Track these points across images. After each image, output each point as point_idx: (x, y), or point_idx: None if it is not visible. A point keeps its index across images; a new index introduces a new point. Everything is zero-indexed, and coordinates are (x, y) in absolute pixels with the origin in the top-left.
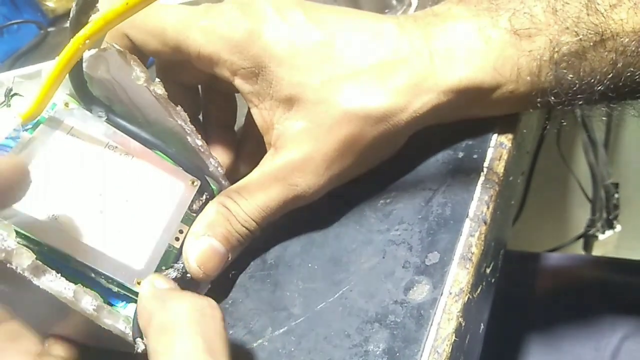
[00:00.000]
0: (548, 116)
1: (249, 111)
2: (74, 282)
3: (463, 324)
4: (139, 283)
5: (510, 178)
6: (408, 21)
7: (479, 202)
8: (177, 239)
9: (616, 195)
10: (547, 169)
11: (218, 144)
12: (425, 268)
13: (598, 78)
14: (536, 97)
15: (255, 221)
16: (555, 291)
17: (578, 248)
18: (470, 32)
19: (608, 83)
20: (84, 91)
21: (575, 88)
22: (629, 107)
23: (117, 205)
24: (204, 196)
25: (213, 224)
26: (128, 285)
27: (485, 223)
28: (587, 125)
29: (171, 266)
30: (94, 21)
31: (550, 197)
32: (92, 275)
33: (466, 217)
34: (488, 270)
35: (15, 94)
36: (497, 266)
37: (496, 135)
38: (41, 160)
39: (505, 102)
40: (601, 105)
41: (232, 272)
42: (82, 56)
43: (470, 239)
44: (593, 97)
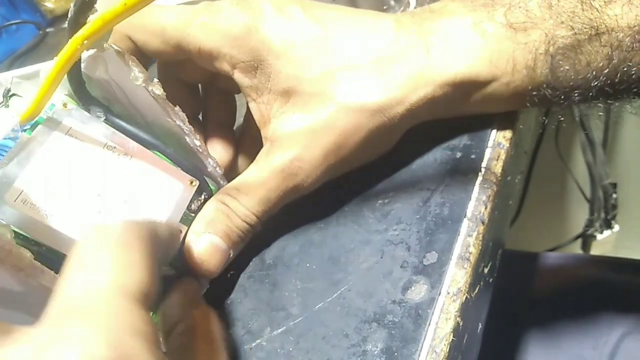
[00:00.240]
0: (546, 115)
1: (248, 110)
2: None
3: (461, 324)
4: None
5: (508, 178)
6: (405, 17)
7: (477, 202)
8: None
9: (614, 195)
10: (545, 169)
11: (217, 143)
12: (423, 268)
13: (594, 73)
14: (532, 91)
15: (255, 215)
16: (553, 291)
17: (576, 248)
18: (466, 26)
19: (604, 79)
20: (83, 92)
21: (571, 83)
22: (627, 105)
23: (116, 205)
24: (203, 196)
25: (213, 222)
26: None
27: (483, 223)
28: (585, 125)
29: (170, 265)
30: (93, 22)
31: (548, 197)
32: None
33: (464, 217)
34: (486, 270)
35: (13, 95)
36: (495, 266)
37: (494, 135)
38: (39, 160)
39: (501, 97)
40: (598, 102)
41: (231, 272)
42: (81, 57)
43: (468, 239)
44: (589, 93)
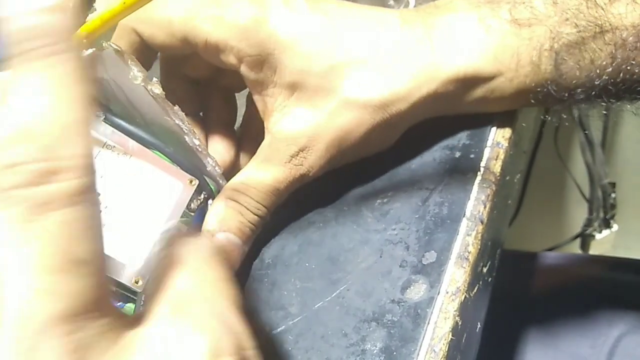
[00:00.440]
0: (546, 113)
1: (250, 106)
2: None
3: (460, 323)
4: (137, 282)
5: (507, 177)
6: (409, 12)
7: (476, 202)
8: None
9: (613, 194)
10: (545, 169)
11: (219, 141)
12: (422, 267)
13: (597, 72)
14: (536, 88)
15: (266, 207)
16: (552, 290)
17: (575, 247)
18: (470, 22)
19: (607, 77)
20: None
21: (575, 80)
22: (627, 104)
23: (115, 204)
24: (202, 195)
25: (226, 219)
26: (126, 284)
27: (482, 222)
28: (585, 124)
29: None
30: (91, 20)
31: (547, 197)
32: None
33: (463, 217)
34: (485, 269)
35: None
36: (494, 265)
37: (493, 134)
38: None
39: (505, 94)
40: (601, 101)
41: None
42: None
43: (467, 239)
44: (593, 92)
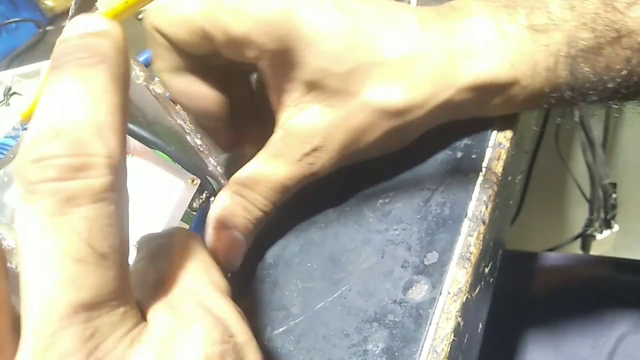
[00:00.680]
0: (546, 115)
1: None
2: None
3: (462, 324)
4: None
5: (508, 178)
6: (429, 13)
7: (478, 202)
8: None
9: (614, 195)
10: (546, 169)
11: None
12: (424, 268)
13: (611, 75)
14: (550, 94)
15: (273, 203)
16: (553, 290)
17: (576, 248)
18: (488, 28)
19: (620, 80)
20: None
21: (589, 85)
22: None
23: None
24: (204, 194)
25: (231, 215)
26: None
27: (483, 223)
28: (586, 125)
29: None
30: None
31: (548, 197)
32: None
33: (465, 217)
34: (486, 270)
35: (14, 93)
36: (496, 266)
37: (495, 135)
38: None
39: (519, 99)
40: (612, 103)
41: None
42: None
43: (468, 239)
44: (605, 94)
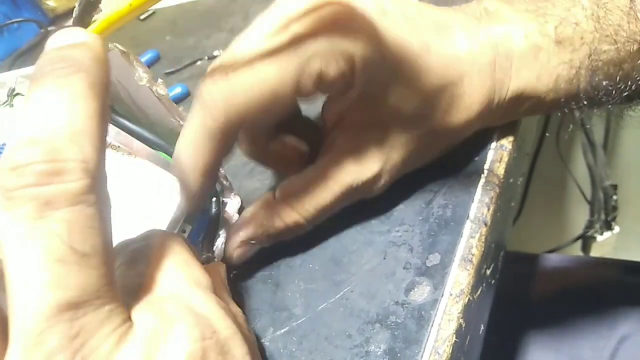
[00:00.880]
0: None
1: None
2: None
3: (463, 325)
4: None
5: (510, 180)
6: (469, 22)
7: (480, 204)
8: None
9: (615, 197)
10: (546, 171)
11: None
12: (426, 269)
13: (629, 83)
14: (569, 102)
15: (306, 220)
16: (553, 292)
17: (576, 249)
18: (521, 40)
19: (636, 88)
20: None
21: (606, 94)
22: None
23: (120, 205)
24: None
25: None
26: None
27: (485, 225)
28: (587, 127)
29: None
30: (98, 22)
31: (549, 198)
32: None
33: (467, 219)
34: (488, 271)
35: (18, 94)
36: (497, 268)
37: (497, 137)
38: None
39: (538, 109)
40: (624, 106)
41: (234, 272)
42: None
43: (470, 241)
44: (620, 101)
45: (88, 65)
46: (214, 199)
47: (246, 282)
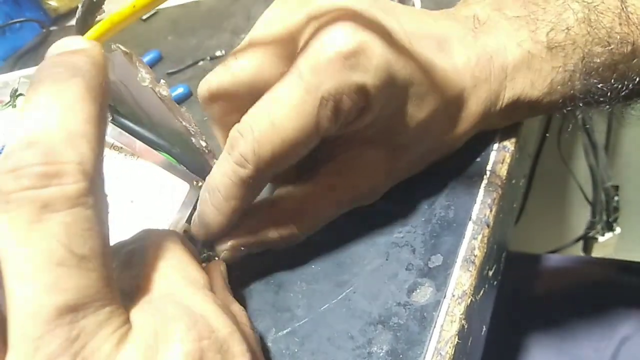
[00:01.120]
0: (549, 118)
1: None
2: None
3: (466, 326)
4: None
5: (512, 181)
6: (465, 32)
7: (482, 205)
8: (185, 231)
9: (616, 197)
10: (548, 171)
11: None
12: (428, 270)
13: (626, 83)
14: (564, 105)
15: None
16: (555, 292)
17: (577, 250)
18: (514, 49)
19: (633, 87)
20: None
21: (602, 94)
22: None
23: (123, 205)
24: None
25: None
26: None
27: (488, 226)
28: (588, 127)
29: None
30: (101, 23)
31: (550, 199)
32: None
33: (469, 220)
34: (490, 273)
35: (20, 95)
36: (500, 269)
37: (499, 138)
38: None
39: (535, 112)
40: (621, 106)
41: (236, 273)
42: None
43: (473, 242)
44: (617, 101)
45: (86, 70)
46: None
47: (248, 283)
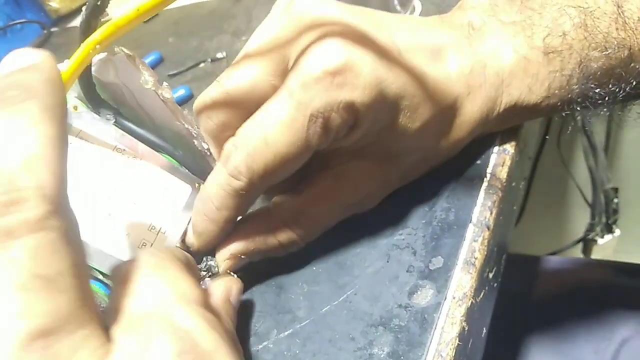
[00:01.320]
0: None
1: None
2: None
3: (466, 328)
4: None
5: (512, 184)
6: (460, 39)
7: (482, 208)
8: (184, 241)
9: (615, 200)
10: (548, 173)
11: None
12: (429, 272)
13: (623, 86)
14: (562, 109)
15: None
16: (554, 294)
17: (577, 252)
18: (509, 55)
19: (630, 90)
20: (93, 95)
21: (600, 98)
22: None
23: (125, 207)
24: None
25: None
26: None
27: (488, 228)
28: (588, 129)
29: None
30: (106, 27)
31: (550, 201)
32: (100, 277)
33: (469, 223)
34: (491, 275)
35: None
36: (500, 271)
37: (499, 141)
38: None
39: (534, 115)
40: (618, 108)
41: (237, 275)
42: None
43: (473, 244)
44: (616, 103)
45: (39, 89)
46: None
47: (250, 285)
